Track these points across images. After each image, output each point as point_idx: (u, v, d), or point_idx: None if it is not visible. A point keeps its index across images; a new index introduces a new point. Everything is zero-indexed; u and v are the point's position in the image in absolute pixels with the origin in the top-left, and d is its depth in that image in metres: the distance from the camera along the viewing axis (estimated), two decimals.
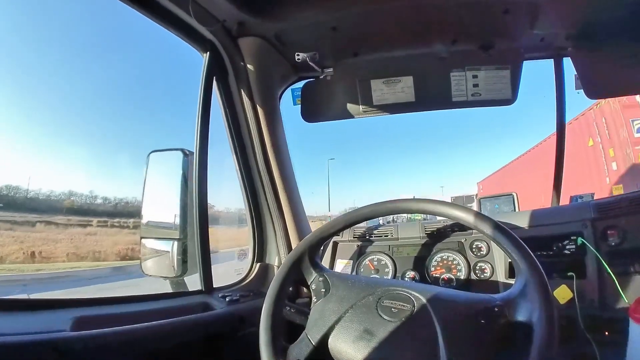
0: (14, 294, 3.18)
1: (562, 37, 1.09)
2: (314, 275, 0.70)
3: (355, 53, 1.07)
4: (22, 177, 33.63)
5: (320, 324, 0.61)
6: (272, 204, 1.06)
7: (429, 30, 1.02)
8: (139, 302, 0.78)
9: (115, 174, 36.47)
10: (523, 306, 0.52)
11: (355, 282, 0.67)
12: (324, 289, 0.67)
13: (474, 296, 0.61)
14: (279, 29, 0.95)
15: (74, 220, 10.52)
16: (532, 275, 0.53)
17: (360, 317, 0.59)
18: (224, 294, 0.90)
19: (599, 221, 0.84)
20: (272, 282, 0.69)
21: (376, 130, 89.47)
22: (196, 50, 0.97)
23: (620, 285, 0.75)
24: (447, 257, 0.96)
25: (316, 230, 0.75)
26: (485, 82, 1.08)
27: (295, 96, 1.15)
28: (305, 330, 0.63)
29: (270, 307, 0.65)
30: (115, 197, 15.31)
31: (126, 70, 68.95)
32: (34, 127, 37.79)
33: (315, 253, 0.74)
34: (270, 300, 0.66)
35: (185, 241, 0.93)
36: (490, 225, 0.60)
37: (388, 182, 63.89)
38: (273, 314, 0.64)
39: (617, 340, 0.71)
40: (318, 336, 0.60)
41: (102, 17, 58.08)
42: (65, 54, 53.78)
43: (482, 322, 0.53)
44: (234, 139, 1.04)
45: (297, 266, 0.71)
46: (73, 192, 15.29)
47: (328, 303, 0.64)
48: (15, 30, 32.65)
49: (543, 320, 0.48)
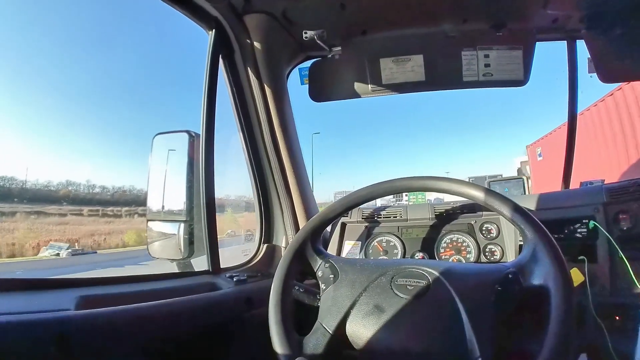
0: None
1: (576, 18, 1.06)
2: (319, 262, 0.68)
3: (364, 31, 1.05)
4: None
5: (334, 311, 0.59)
6: (280, 185, 1.05)
7: (440, 7, 0.99)
8: (144, 282, 0.77)
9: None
10: (535, 270, 0.52)
11: (364, 265, 0.65)
12: (332, 274, 0.65)
13: (486, 266, 0.61)
14: (286, 5, 0.93)
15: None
16: (540, 239, 0.53)
17: (376, 299, 0.58)
18: (231, 274, 0.89)
19: (610, 205, 0.82)
20: (280, 262, 0.67)
21: (380, 112, 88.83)
22: (202, 29, 0.95)
23: (632, 269, 0.73)
24: (457, 239, 0.95)
25: (316, 215, 0.73)
26: (497, 62, 1.06)
27: (303, 76, 1.12)
28: (319, 319, 0.60)
29: (279, 287, 0.63)
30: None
31: (131, 50, 68.71)
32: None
33: (317, 240, 0.72)
34: (278, 280, 0.64)
35: (192, 223, 0.92)
36: (495, 198, 0.60)
37: (390, 166, 63.38)
38: (282, 293, 0.62)
39: (628, 326, 0.70)
40: (334, 323, 0.58)
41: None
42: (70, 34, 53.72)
43: (499, 289, 0.53)
44: (241, 119, 1.02)
45: (300, 254, 0.69)
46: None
47: (339, 288, 0.62)
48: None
49: (559, 281, 0.48)
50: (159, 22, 64.87)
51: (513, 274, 0.53)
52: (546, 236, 0.53)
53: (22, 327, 0.47)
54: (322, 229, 0.74)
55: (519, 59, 1.06)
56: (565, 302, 0.46)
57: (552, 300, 0.47)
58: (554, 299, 0.47)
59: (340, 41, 1.05)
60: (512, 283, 0.53)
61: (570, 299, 0.47)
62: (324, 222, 0.72)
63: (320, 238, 0.75)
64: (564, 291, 0.47)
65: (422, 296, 0.55)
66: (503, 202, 0.59)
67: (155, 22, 65.31)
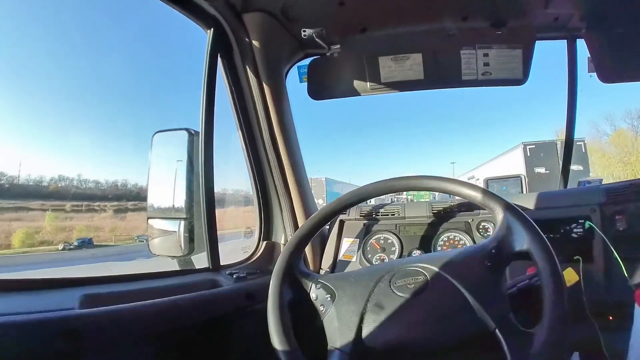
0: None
1: (576, 17, 1.05)
2: (310, 285, 0.65)
3: (363, 29, 1.04)
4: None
5: (345, 330, 0.57)
6: (279, 182, 1.06)
7: (439, 6, 0.99)
8: (146, 280, 0.78)
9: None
10: (513, 239, 0.57)
11: (357, 276, 0.64)
12: (329, 294, 0.62)
13: (469, 248, 0.69)
14: (284, 3, 0.92)
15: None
16: (505, 210, 0.59)
17: (382, 305, 0.57)
18: (231, 272, 0.91)
19: (607, 206, 0.83)
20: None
21: (380, 105, 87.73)
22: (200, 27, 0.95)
23: (626, 270, 0.74)
24: (454, 237, 0.96)
25: (294, 235, 0.71)
26: (497, 60, 1.06)
27: (302, 74, 1.12)
28: (330, 343, 0.58)
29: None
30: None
31: (129, 48, 68.04)
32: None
33: (298, 262, 0.69)
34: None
35: (192, 220, 0.93)
36: (477, 191, 0.64)
37: (394, 159, 62.64)
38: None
39: (621, 326, 0.71)
40: (349, 342, 0.56)
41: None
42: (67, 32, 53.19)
43: (488, 264, 0.57)
44: (239, 117, 1.02)
45: (289, 279, 0.66)
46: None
47: (341, 306, 0.60)
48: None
49: (535, 241, 0.54)
50: (158, 21, 64.09)
51: (495, 248, 0.58)
52: (511, 207, 0.59)
53: (27, 326, 0.48)
54: (304, 245, 0.71)
55: (519, 57, 1.06)
56: (550, 260, 0.52)
57: (537, 260, 0.52)
58: (537, 259, 0.52)
59: (339, 39, 1.05)
60: (497, 257, 0.58)
61: (552, 256, 0.52)
62: (303, 237, 0.70)
63: (302, 258, 0.71)
64: (546, 252, 0.52)
65: (425, 290, 0.57)
66: (486, 194, 0.63)
67: (154, 20, 64.58)
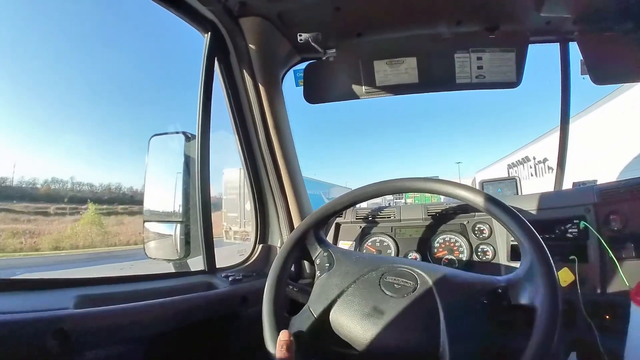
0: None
1: (569, 21, 1.06)
2: (319, 250, 0.71)
3: (358, 33, 1.06)
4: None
5: (322, 298, 0.61)
6: (275, 186, 1.06)
7: (434, 10, 1.00)
8: (141, 282, 0.78)
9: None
10: (527, 289, 0.51)
11: (359, 258, 0.68)
12: (328, 263, 0.68)
13: (478, 277, 0.60)
14: (281, 8, 0.93)
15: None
16: (538, 258, 0.52)
17: (363, 292, 0.59)
18: (226, 274, 0.90)
19: (602, 206, 0.83)
20: (276, 257, 0.69)
21: (377, 108, 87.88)
22: (197, 31, 0.96)
23: (622, 269, 0.75)
24: (450, 239, 0.96)
25: (321, 207, 0.75)
26: (490, 64, 1.07)
27: (298, 77, 1.13)
28: (308, 302, 0.63)
29: (274, 282, 0.65)
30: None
31: (126, 53, 68.33)
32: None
33: (320, 229, 0.75)
34: (273, 275, 0.66)
35: (188, 224, 0.93)
36: (496, 206, 0.59)
37: (398, 161, 62.46)
38: (276, 289, 0.64)
39: (618, 326, 0.70)
40: (320, 309, 0.60)
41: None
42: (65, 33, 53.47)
43: (485, 302, 0.53)
44: (236, 121, 1.03)
45: (301, 242, 0.72)
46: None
47: (331, 277, 0.64)
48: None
49: (547, 305, 0.47)
50: (156, 25, 64.73)
51: (503, 289, 0.53)
52: (546, 258, 0.52)
53: (20, 325, 0.47)
54: (326, 220, 0.75)
55: (512, 61, 1.07)
56: (549, 332, 0.46)
57: (536, 324, 0.47)
58: (538, 323, 0.47)
59: (335, 43, 1.07)
60: (499, 298, 0.53)
61: (554, 327, 0.46)
62: (328, 213, 0.74)
63: (324, 228, 0.77)
64: (551, 320, 0.46)
65: (407, 296, 0.56)
66: (510, 215, 0.58)
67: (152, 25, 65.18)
